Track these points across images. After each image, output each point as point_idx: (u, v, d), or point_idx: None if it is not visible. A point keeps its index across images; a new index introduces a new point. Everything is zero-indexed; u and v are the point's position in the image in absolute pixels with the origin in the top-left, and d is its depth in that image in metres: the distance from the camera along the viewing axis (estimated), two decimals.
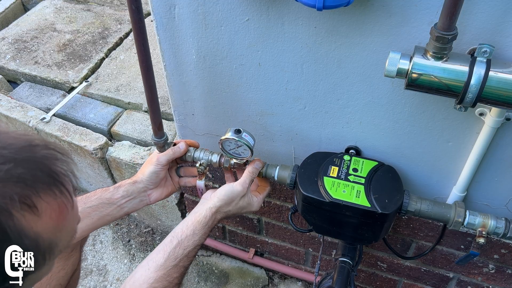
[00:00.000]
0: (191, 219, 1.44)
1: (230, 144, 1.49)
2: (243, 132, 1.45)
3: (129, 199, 1.54)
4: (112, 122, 2.55)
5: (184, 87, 1.63)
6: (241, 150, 1.50)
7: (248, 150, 1.48)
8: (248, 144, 1.45)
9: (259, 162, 1.56)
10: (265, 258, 2.43)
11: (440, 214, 1.45)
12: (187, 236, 1.40)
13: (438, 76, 1.12)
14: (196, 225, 1.42)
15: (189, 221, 1.44)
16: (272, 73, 1.46)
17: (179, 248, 1.38)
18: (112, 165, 2.43)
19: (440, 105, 1.34)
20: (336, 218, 1.48)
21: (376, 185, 1.45)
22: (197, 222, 1.43)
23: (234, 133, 1.45)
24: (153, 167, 1.57)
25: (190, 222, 1.43)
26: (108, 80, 2.74)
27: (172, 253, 1.36)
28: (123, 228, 2.77)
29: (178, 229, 1.42)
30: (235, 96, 1.59)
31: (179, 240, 1.39)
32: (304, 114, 1.54)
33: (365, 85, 1.38)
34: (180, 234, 1.40)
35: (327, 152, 1.57)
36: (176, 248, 1.37)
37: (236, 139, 1.44)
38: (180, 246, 1.38)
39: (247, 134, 1.46)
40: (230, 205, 1.49)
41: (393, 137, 1.49)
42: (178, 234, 1.40)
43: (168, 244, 1.38)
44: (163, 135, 1.59)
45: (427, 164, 1.53)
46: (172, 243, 1.38)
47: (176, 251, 1.37)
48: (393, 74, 1.16)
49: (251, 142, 1.46)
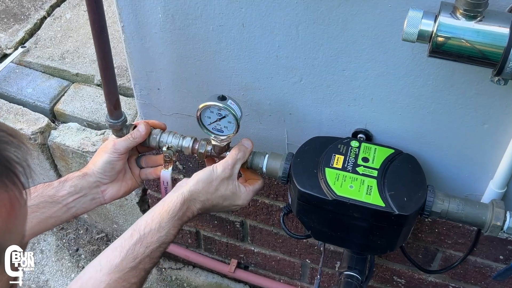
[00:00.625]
0: (158, 209, 1.41)
1: (212, 115, 1.48)
2: (229, 99, 1.45)
3: (78, 196, 1.54)
4: (55, 99, 2.53)
5: (148, 55, 1.62)
6: (224, 123, 1.49)
7: (233, 124, 1.47)
8: (234, 114, 1.44)
9: (248, 142, 1.55)
10: (251, 272, 2.44)
11: (473, 216, 1.46)
12: (151, 230, 1.37)
13: (470, 40, 1.12)
14: (163, 215, 1.39)
15: (156, 211, 1.41)
16: (259, 36, 1.46)
17: (140, 246, 1.35)
18: (55, 153, 2.42)
19: (473, 77, 1.34)
20: (341, 221, 1.48)
21: (392, 179, 1.45)
22: (164, 211, 1.40)
23: (218, 100, 1.44)
24: (107, 156, 1.57)
25: (158, 212, 1.41)
26: (51, 45, 2.72)
27: (131, 251, 1.34)
28: (69, 234, 2.76)
29: (141, 221, 1.40)
30: (212, 66, 1.58)
31: (141, 235, 1.36)
32: (300, 88, 1.54)
33: (377, 51, 1.38)
34: (144, 227, 1.37)
35: (329, 137, 1.57)
36: (137, 245, 1.35)
37: (221, 106, 1.43)
38: (142, 242, 1.35)
39: (233, 102, 1.45)
40: (208, 191, 1.47)
41: (413, 118, 1.50)
42: (140, 227, 1.37)
43: (128, 240, 1.36)
44: (120, 115, 1.59)
45: (456, 152, 1.53)
46: (132, 238, 1.35)
47: (136, 249, 1.34)
48: (414, 38, 1.16)
49: (238, 113, 1.46)
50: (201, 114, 1.48)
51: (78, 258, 2.67)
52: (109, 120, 1.59)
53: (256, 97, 1.62)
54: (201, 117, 1.49)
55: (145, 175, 1.67)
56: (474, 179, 1.57)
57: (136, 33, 1.58)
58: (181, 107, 1.74)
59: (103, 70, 1.48)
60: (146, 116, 1.83)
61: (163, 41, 1.57)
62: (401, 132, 1.54)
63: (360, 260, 1.70)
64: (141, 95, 1.77)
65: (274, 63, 1.51)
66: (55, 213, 1.50)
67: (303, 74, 1.50)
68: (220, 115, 1.47)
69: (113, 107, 1.56)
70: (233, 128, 1.49)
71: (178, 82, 1.67)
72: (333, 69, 1.46)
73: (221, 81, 1.61)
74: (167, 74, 1.66)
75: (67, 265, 2.64)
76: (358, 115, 1.55)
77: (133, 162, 1.67)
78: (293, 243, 2.16)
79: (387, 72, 1.41)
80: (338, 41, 1.39)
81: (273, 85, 1.57)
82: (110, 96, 1.54)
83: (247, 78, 1.58)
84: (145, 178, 1.68)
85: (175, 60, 1.61)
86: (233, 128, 1.49)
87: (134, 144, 1.59)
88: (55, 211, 1.50)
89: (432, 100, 1.43)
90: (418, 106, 1.46)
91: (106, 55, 1.45)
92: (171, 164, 1.62)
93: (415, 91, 1.43)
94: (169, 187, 1.62)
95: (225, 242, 2.34)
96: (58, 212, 1.51)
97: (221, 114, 1.47)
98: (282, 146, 1.73)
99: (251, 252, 2.32)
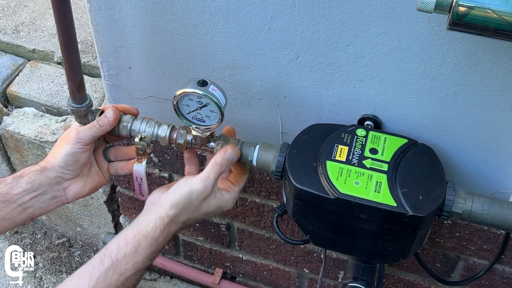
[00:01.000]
0: (132, 232, 1.42)
1: (191, 103, 1.47)
2: (210, 84, 1.44)
3: (36, 195, 1.53)
4: (8, 80, 2.53)
5: (117, 27, 1.62)
6: (206, 113, 1.48)
7: (216, 113, 1.47)
8: (217, 102, 1.43)
9: (231, 151, 1.53)
10: (238, 284, 2.45)
11: (501, 218, 1.46)
12: (125, 256, 1.38)
13: (497, 10, 1.12)
14: (141, 240, 1.41)
15: (129, 233, 1.42)
16: (248, 5, 1.46)
17: (113, 273, 1.36)
18: (8, 143, 2.42)
19: (501, 54, 1.35)
20: (344, 224, 1.48)
21: (405, 174, 1.46)
22: (142, 236, 1.41)
23: (198, 85, 1.43)
24: (69, 147, 1.55)
25: (131, 235, 1.42)
26: (3, 16, 2.72)
27: (102, 279, 1.35)
28: (25, 239, 2.76)
29: (112, 245, 1.40)
30: (193, 40, 1.58)
31: (113, 261, 1.37)
32: (297, 67, 1.54)
33: (387, 23, 1.38)
34: (116, 252, 1.38)
35: (331, 124, 1.57)
36: (109, 272, 1.36)
37: (201, 94, 1.42)
38: (115, 269, 1.36)
39: (216, 87, 1.44)
40: (189, 211, 1.48)
41: (430, 102, 1.50)
42: (112, 252, 1.39)
43: (97, 266, 1.37)
44: (84, 99, 1.57)
45: (480, 142, 1.54)
46: (103, 265, 1.36)
47: (108, 277, 1.35)
48: (430, 7, 1.16)
49: (222, 101, 1.45)
50: (179, 102, 1.47)
51: (35, 267, 2.67)
52: (72, 105, 1.57)
53: (245, 77, 1.62)
54: (178, 106, 1.48)
55: (114, 170, 1.66)
56: (501, 174, 1.58)
57: (103, 2, 1.57)
58: (156, 89, 1.74)
59: (64, 46, 1.47)
60: (115, 99, 1.83)
61: (135, 11, 1.57)
62: (416, 119, 1.55)
63: (367, 270, 1.70)
64: (109, 74, 1.76)
65: (266, 37, 1.51)
66: (8, 214, 1.49)
67: (300, 50, 1.50)
68: (200, 103, 1.47)
69: (76, 89, 1.55)
70: (217, 118, 1.48)
71: (153, 60, 1.67)
72: (336, 44, 1.46)
73: (203, 58, 1.61)
74: (140, 50, 1.66)
75: (22, 275, 2.64)
76: (365, 99, 1.55)
77: (100, 155, 1.66)
78: (289, 250, 2.17)
79: (399, 48, 1.41)
80: (342, 11, 1.39)
81: (265, 63, 1.57)
82: (72, 77, 1.52)
83: (235, 55, 1.58)
84: (114, 173, 1.67)
85: (150, 34, 1.61)
86: (217, 118, 1.48)
87: (101, 133, 1.57)
88: (9, 211, 1.49)
89: (452, 81, 1.43)
90: (436, 88, 1.46)
91: (67, 28, 1.43)
92: (145, 157, 1.61)
93: (432, 70, 1.43)
94: (143, 184, 1.61)
95: (209, 249, 2.34)
96: (12, 212, 1.50)
97: (202, 102, 1.46)
98: (276, 135, 1.74)
99: (239, 260, 2.32)
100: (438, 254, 1.88)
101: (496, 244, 1.76)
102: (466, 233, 1.77)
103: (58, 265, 2.68)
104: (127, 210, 2.37)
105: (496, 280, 1.88)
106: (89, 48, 2.47)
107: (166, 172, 2.07)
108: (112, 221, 2.51)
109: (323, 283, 2.23)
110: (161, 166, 2.05)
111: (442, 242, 1.83)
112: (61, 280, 2.63)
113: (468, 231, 1.77)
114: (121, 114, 1.60)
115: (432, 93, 1.47)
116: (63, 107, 2.41)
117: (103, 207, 2.43)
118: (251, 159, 1.57)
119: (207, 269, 2.47)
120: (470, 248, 1.81)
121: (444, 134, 1.55)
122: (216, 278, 2.42)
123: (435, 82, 1.44)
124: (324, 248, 1.75)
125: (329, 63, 1.50)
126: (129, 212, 2.38)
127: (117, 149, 1.67)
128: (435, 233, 1.82)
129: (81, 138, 1.54)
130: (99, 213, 2.49)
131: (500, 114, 1.45)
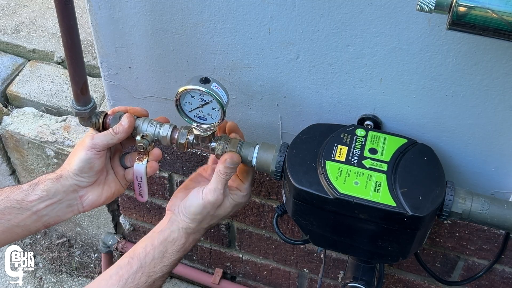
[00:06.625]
0: (158, 238, 1.46)
1: (193, 100, 1.47)
2: (213, 81, 1.44)
3: (51, 202, 1.51)
4: (8, 80, 2.53)
5: (117, 27, 1.62)
6: (208, 111, 1.48)
7: (218, 111, 1.46)
8: (219, 100, 1.43)
9: (230, 159, 1.52)
10: (238, 284, 2.45)
11: (501, 218, 1.46)
12: (153, 259, 1.41)
13: (497, 10, 1.12)
14: (168, 246, 1.45)
15: (156, 239, 1.46)
16: (248, 5, 1.46)
17: (142, 274, 1.38)
18: (8, 143, 2.42)
19: (501, 54, 1.35)
20: (344, 224, 1.48)
21: (405, 174, 1.46)
22: (168, 242, 1.45)
23: (200, 83, 1.43)
24: (84, 153, 1.52)
25: (158, 241, 1.45)
26: (3, 16, 2.72)
27: (132, 280, 1.36)
28: (25, 239, 2.75)
29: (138, 249, 1.43)
30: (193, 40, 1.58)
31: (141, 263, 1.40)
32: (297, 67, 1.54)
33: (388, 23, 1.38)
34: (143, 255, 1.41)
35: (331, 124, 1.57)
36: (137, 273, 1.38)
37: (203, 91, 1.42)
38: (143, 271, 1.39)
39: (218, 85, 1.44)
40: (207, 221, 1.52)
41: (429, 102, 1.50)
42: (139, 254, 1.41)
43: (125, 267, 1.38)
44: (88, 101, 1.56)
45: (480, 142, 1.54)
46: (132, 267, 1.39)
47: (137, 278, 1.37)
48: (430, 7, 1.16)
49: (224, 98, 1.45)
50: (181, 99, 1.47)
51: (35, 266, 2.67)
52: (76, 107, 1.56)
53: (245, 77, 1.62)
54: (180, 103, 1.48)
55: (131, 174, 1.64)
56: (501, 174, 1.58)
57: (103, 2, 1.57)
58: (156, 89, 1.74)
59: (68, 48, 1.45)
60: (115, 99, 1.83)
61: (135, 11, 1.57)
62: (416, 119, 1.55)
63: (367, 270, 1.70)
64: (109, 74, 1.76)
65: (266, 37, 1.51)
66: (23, 221, 1.47)
67: (300, 50, 1.50)
68: (202, 101, 1.47)
69: (81, 92, 1.53)
70: (218, 116, 1.48)
71: (153, 60, 1.67)
72: (336, 44, 1.46)
73: (203, 58, 1.61)
74: (140, 50, 1.66)
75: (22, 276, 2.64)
76: (365, 99, 1.55)
77: (116, 161, 1.65)
78: (288, 250, 2.17)
79: (399, 48, 1.41)
80: (342, 11, 1.39)
81: (265, 63, 1.57)
82: (76, 79, 1.51)
83: (235, 55, 1.58)
84: (131, 180, 1.65)
85: (150, 34, 1.61)
86: (218, 116, 1.48)
87: (116, 140, 1.55)
88: (23, 218, 1.47)
89: (452, 80, 1.43)
90: (436, 88, 1.46)
91: (71, 30, 1.42)
92: (147, 156, 1.60)
93: (432, 70, 1.43)
94: (143, 184, 1.61)
95: (208, 248, 2.34)
96: (26, 220, 1.48)
97: (204, 99, 1.46)
98: (276, 135, 1.74)
99: (239, 260, 2.32)
100: (438, 254, 1.88)
101: (496, 244, 1.76)
102: (466, 233, 1.77)
103: (58, 265, 2.68)
104: (127, 210, 2.37)
105: (496, 280, 1.87)
106: (89, 48, 2.46)
107: (166, 172, 2.07)
108: (112, 221, 2.51)
109: (323, 283, 2.22)
110: (161, 166, 2.05)
111: (442, 242, 1.83)
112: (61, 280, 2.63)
113: (468, 231, 1.77)
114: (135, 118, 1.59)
115: (432, 93, 1.47)
116: (63, 107, 2.41)
117: (103, 207, 2.43)
118: (250, 159, 1.57)
119: (207, 269, 2.46)
120: (470, 248, 1.81)
121: (444, 134, 1.55)
122: (216, 278, 2.42)
123: (435, 82, 1.44)
124: (324, 248, 1.75)
125: (329, 63, 1.50)
126: (129, 212, 2.38)
127: (133, 154, 1.66)
128: (435, 233, 1.82)
129: (96, 144, 1.52)
130: (99, 213, 2.48)
131: (500, 114, 1.45)
